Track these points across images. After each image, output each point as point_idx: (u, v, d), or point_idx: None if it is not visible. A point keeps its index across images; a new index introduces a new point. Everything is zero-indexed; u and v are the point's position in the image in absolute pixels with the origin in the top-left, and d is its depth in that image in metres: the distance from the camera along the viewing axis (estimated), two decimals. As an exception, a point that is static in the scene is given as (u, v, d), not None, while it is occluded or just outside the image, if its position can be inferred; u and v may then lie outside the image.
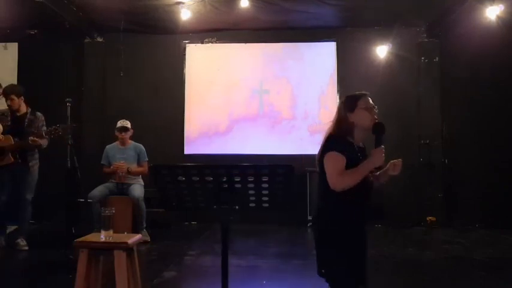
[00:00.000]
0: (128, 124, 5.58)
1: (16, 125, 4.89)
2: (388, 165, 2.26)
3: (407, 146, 6.95)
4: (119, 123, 5.56)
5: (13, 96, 4.88)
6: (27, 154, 4.92)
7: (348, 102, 2.27)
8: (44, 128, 4.89)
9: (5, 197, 4.86)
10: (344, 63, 7.17)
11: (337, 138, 2.21)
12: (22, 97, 4.97)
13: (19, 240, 4.90)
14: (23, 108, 5.00)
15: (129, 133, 5.59)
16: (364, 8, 6.42)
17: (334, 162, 2.14)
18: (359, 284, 2.20)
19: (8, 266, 4.51)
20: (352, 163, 2.14)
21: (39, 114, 5.02)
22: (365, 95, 2.29)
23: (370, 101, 2.26)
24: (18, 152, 4.83)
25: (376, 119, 2.22)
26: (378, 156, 2.12)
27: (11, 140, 4.76)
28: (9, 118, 4.92)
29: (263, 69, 7.34)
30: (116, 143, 5.63)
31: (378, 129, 2.17)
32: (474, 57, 6.57)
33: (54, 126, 4.74)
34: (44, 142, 4.88)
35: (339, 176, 2.12)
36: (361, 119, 2.21)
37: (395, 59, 6.90)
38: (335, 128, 2.25)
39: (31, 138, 4.71)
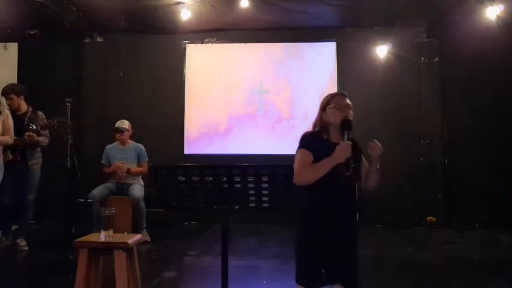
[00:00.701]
0: (125, 124, 5.56)
1: (16, 123, 4.84)
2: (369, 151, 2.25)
3: (407, 146, 6.96)
4: (116, 124, 5.56)
5: (12, 96, 4.88)
6: (27, 153, 4.90)
7: (322, 101, 2.34)
8: None
9: (6, 199, 4.83)
10: (344, 63, 7.16)
11: (309, 136, 2.29)
12: (22, 96, 4.97)
13: (19, 241, 4.91)
14: (24, 107, 5.00)
15: (127, 134, 5.58)
16: (364, 8, 6.42)
17: (299, 158, 2.21)
18: (330, 283, 2.15)
19: (8, 266, 4.51)
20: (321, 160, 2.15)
21: (40, 113, 5.02)
22: (339, 94, 2.34)
23: (346, 100, 2.27)
24: (17, 150, 4.80)
25: (346, 116, 2.21)
26: (340, 152, 2.10)
27: None
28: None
29: (263, 69, 7.34)
30: (116, 143, 5.64)
31: (343, 125, 2.18)
32: (474, 57, 6.57)
33: (49, 120, 4.78)
34: (42, 139, 4.89)
35: (298, 170, 2.15)
36: (332, 117, 2.24)
37: (395, 59, 6.89)
38: (312, 126, 2.36)
39: (27, 133, 4.69)
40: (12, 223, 5.16)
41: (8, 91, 4.89)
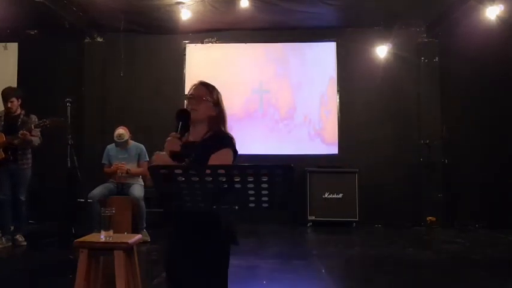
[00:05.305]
0: (123, 136, 5.45)
1: (9, 125, 5.02)
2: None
3: (407, 146, 6.96)
4: (115, 137, 5.47)
5: (13, 99, 5.02)
6: (18, 153, 5.01)
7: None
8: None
9: (4, 196, 4.96)
10: (344, 63, 7.17)
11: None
12: (20, 100, 5.11)
13: (17, 237, 5.06)
14: (18, 110, 5.13)
15: (126, 139, 5.53)
16: (364, 8, 6.42)
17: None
18: None
19: (8, 266, 4.51)
20: None
21: (33, 116, 5.14)
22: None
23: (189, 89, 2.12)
24: (10, 149, 4.94)
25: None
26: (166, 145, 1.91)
27: (2, 137, 4.92)
28: (2, 118, 5.06)
29: (263, 69, 7.34)
30: (117, 142, 5.62)
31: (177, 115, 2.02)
32: (474, 57, 6.57)
33: (42, 120, 4.87)
34: (35, 139, 4.99)
35: None
36: None
37: (395, 59, 6.90)
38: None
39: (21, 132, 4.81)
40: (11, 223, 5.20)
41: (10, 94, 5.02)
